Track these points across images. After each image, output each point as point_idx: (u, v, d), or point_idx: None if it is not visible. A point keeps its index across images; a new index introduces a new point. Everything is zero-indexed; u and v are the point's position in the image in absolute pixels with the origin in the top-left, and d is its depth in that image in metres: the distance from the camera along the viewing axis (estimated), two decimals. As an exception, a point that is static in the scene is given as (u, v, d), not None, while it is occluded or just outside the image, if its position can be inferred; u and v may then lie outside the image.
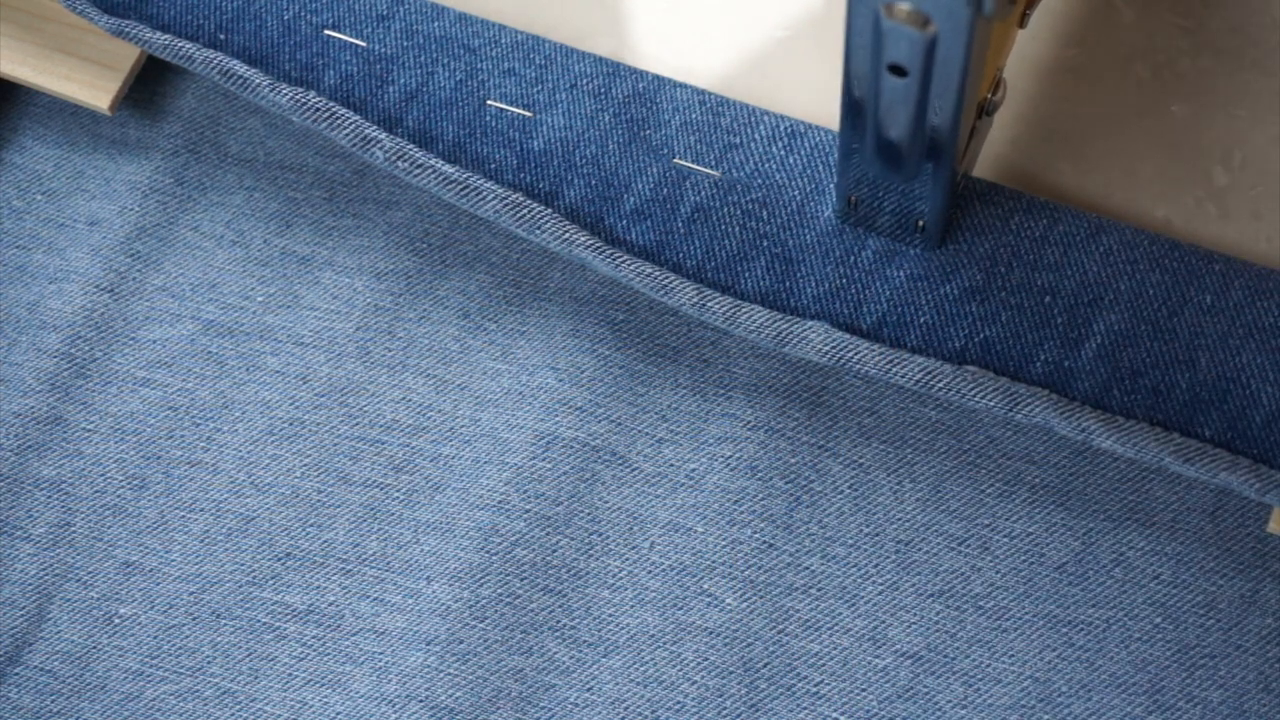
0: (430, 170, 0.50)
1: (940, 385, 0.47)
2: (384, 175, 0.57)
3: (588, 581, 0.52)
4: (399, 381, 0.54)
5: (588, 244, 0.49)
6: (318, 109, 0.50)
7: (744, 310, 0.48)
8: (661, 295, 0.49)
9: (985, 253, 0.49)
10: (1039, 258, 0.48)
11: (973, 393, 0.47)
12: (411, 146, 0.50)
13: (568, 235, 0.49)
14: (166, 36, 0.52)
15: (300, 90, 0.51)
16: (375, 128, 0.50)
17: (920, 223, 0.46)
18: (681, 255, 0.49)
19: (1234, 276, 0.48)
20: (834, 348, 0.48)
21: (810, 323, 0.48)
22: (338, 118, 0.50)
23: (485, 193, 0.50)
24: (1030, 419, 0.47)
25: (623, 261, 0.49)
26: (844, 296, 0.49)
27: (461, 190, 0.50)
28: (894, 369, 0.47)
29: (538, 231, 0.49)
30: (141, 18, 0.52)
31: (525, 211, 0.49)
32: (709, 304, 0.49)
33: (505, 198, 0.50)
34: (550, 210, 0.49)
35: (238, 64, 0.51)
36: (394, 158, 0.50)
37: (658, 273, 0.49)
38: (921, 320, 0.48)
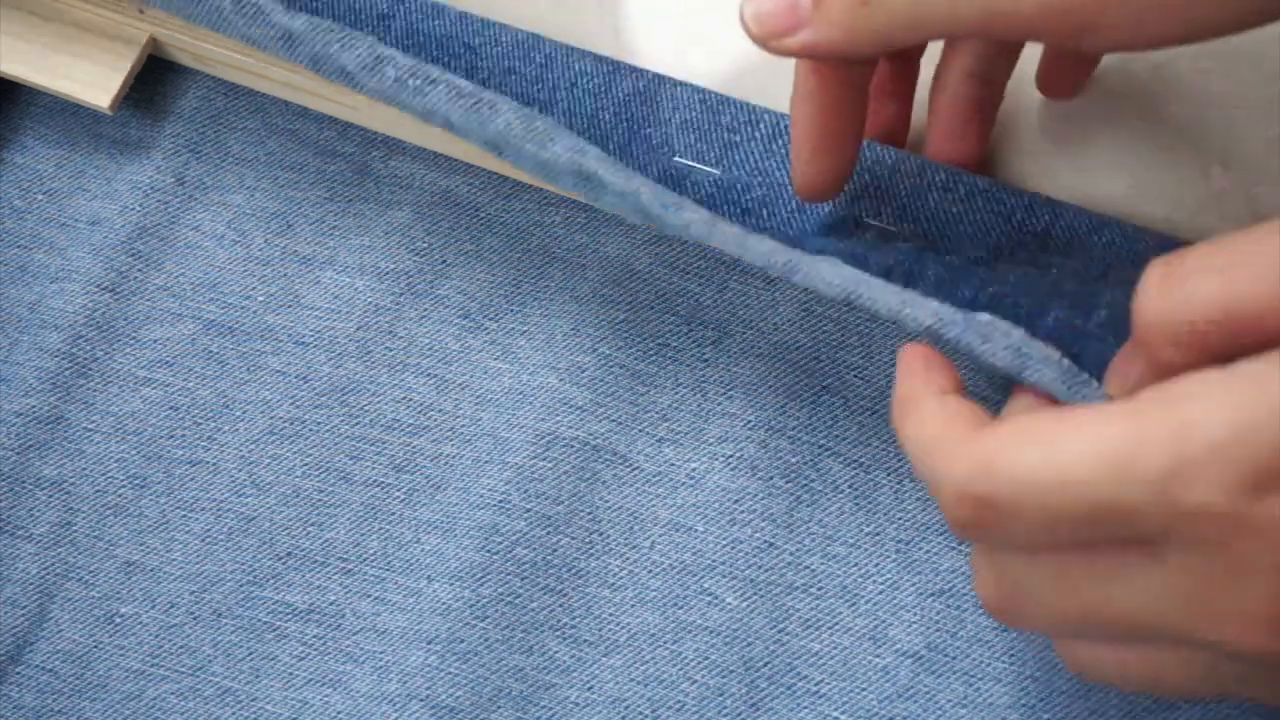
0: (443, 85, 0.48)
1: (951, 336, 0.44)
2: (385, 175, 0.57)
3: (588, 580, 0.52)
4: (399, 381, 0.54)
5: (600, 158, 0.47)
6: (331, 29, 0.49)
7: (753, 237, 0.46)
8: (673, 216, 0.46)
9: (989, 247, 0.49)
10: (1043, 246, 0.48)
11: (983, 346, 0.44)
12: (425, 64, 0.48)
13: (580, 148, 0.47)
14: None
15: (315, 17, 0.49)
16: (389, 47, 0.49)
17: None
18: None
19: None
20: (845, 282, 0.45)
21: (822, 256, 0.46)
22: (350, 38, 0.49)
23: (499, 105, 0.48)
24: (1038, 383, 0.44)
25: (635, 180, 0.47)
26: (851, 261, 0.48)
27: (473, 104, 0.48)
28: (905, 310, 0.44)
29: (550, 145, 0.47)
30: None
31: (539, 123, 0.47)
32: (719, 226, 0.46)
33: (518, 110, 0.47)
34: (563, 126, 0.48)
35: None
36: (405, 76, 0.48)
37: (670, 195, 0.47)
38: (930, 275, 0.47)
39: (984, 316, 0.44)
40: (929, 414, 0.41)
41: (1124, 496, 0.36)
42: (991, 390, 0.51)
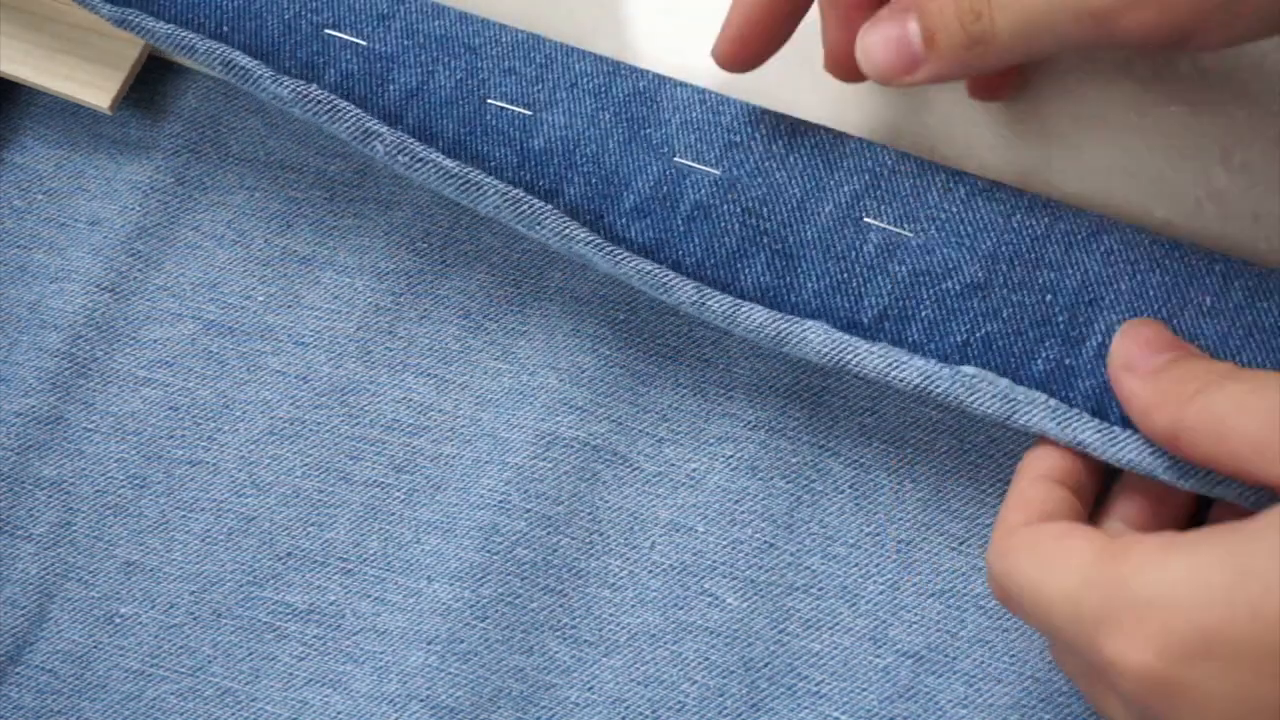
0: (430, 165, 0.50)
1: (938, 390, 0.47)
2: (385, 175, 0.57)
3: (588, 581, 0.52)
4: (399, 381, 0.54)
5: (587, 240, 0.49)
6: (319, 101, 0.50)
7: (743, 310, 0.48)
8: (661, 293, 0.49)
9: (987, 250, 0.49)
10: (1040, 255, 0.48)
11: (970, 399, 0.47)
12: (412, 140, 0.50)
13: (567, 231, 0.49)
14: (169, 26, 0.51)
15: (302, 83, 0.51)
16: (377, 121, 0.50)
17: None
18: (681, 253, 0.49)
19: (1234, 278, 0.48)
20: (832, 349, 0.48)
21: (810, 323, 0.48)
22: (339, 111, 0.50)
23: (485, 188, 0.50)
24: (1028, 426, 0.47)
25: (622, 259, 0.49)
26: (845, 291, 0.49)
27: (461, 185, 0.50)
28: (892, 372, 0.47)
29: (537, 228, 0.50)
30: (144, 9, 0.52)
31: (525, 207, 0.49)
32: (708, 302, 0.49)
33: (505, 193, 0.50)
34: (550, 206, 0.49)
35: (240, 55, 0.51)
36: (394, 151, 0.50)
37: (657, 270, 0.49)
38: (923, 314, 0.48)
39: (969, 370, 0.47)
40: (1014, 492, 0.46)
41: (1070, 632, 0.39)
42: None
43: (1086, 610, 0.39)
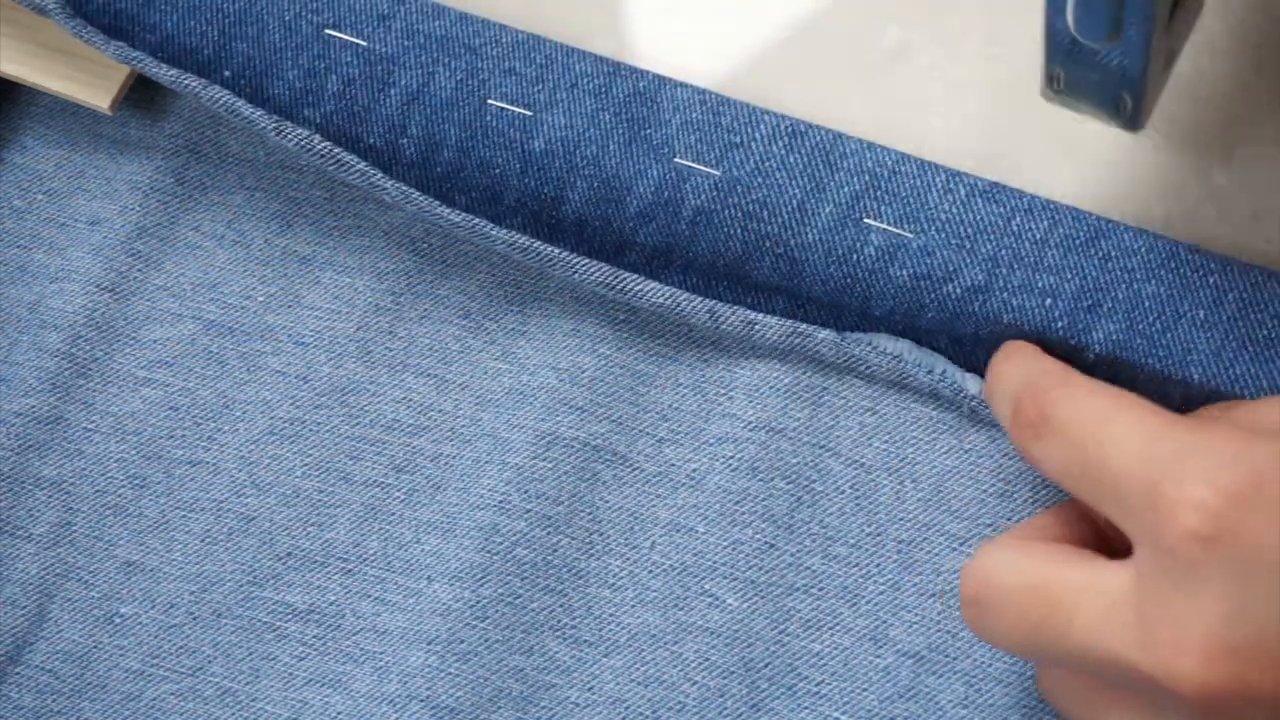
0: (438, 217, 0.52)
1: (947, 401, 0.48)
2: (385, 175, 0.57)
3: (588, 581, 0.52)
4: (400, 381, 0.54)
5: (599, 282, 0.51)
6: (323, 155, 0.51)
7: (757, 328, 0.51)
8: (676, 317, 0.52)
9: (987, 254, 0.49)
10: (1040, 260, 0.48)
11: (977, 409, 0.48)
12: (418, 194, 0.51)
13: (576, 276, 0.51)
14: (173, 72, 0.52)
15: (304, 133, 0.51)
16: (381, 175, 0.52)
17: (1125, 98, 0.45)
18: (692, 254, 0.50)
19: (1228, 289, 0.48)
20: (842, 362, 0.51)
21: (822, 334, 0.50)
22: (345, 163, 0.52)
23: (494, 238, 0.51)
24: None
25: (632, 292, 0.51)
26: (851, 294, 0.49)
27: (468, 233, 0.52)
28: (902, 384, 0.50)
29: (547, 267, 0.51)
30: (144, 29, 0.52)
31: (533, 257, 0.51)
32: (722, 326, 0.51)
33: (512, 242, 0.51)
34: (559, 251, 0.51)
35: (244, 105, 0.52)
36: (401, 201, 0.52)
37: (670, 295, 0.51)
38: (928, 318, 0.48)
39: (973, 386, 0.50)
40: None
41: (1136, 465, 0.39)
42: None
43: (1167, 449, 0.39)
